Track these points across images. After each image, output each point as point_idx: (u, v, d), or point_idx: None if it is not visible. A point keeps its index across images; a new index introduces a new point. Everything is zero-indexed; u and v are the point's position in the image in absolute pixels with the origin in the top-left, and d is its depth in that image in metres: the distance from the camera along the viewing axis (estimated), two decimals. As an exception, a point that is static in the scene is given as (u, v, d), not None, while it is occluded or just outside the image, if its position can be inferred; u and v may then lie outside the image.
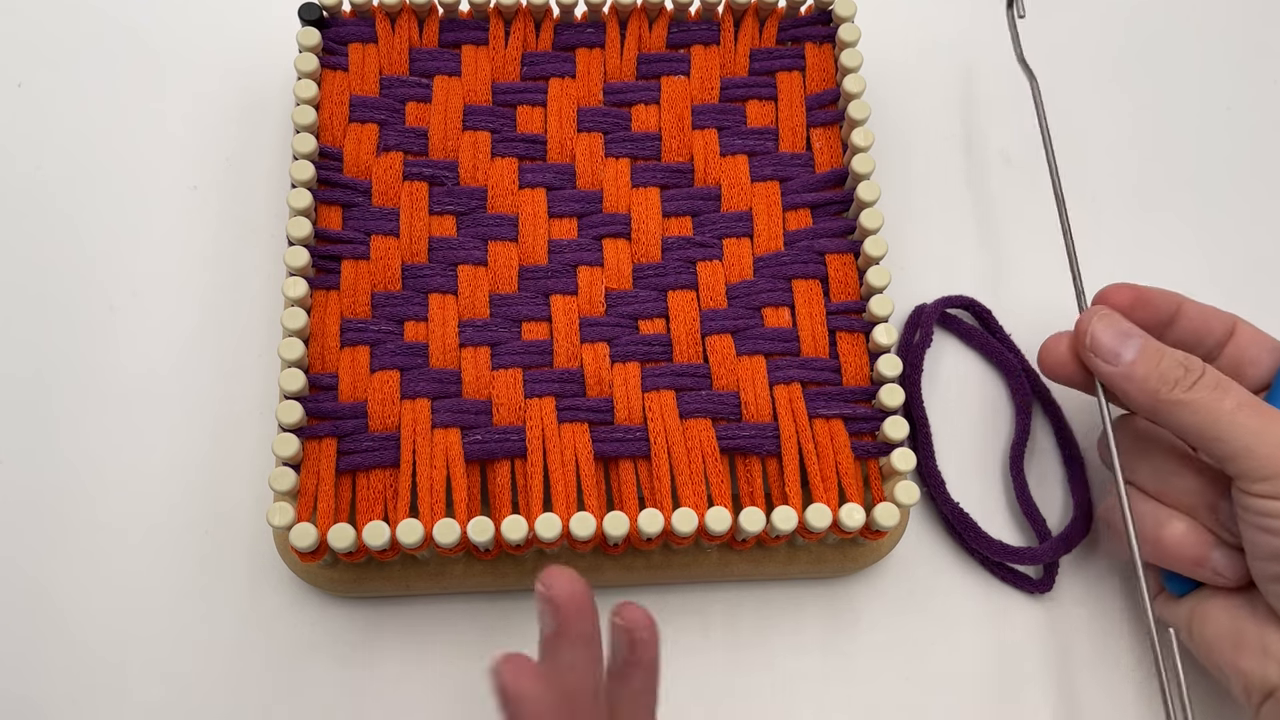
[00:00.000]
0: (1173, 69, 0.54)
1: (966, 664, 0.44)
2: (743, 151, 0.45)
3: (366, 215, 0.43)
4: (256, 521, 0.44)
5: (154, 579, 0.43)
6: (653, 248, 0.44)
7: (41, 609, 0.43)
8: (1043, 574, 0.45)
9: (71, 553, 0.44)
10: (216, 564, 0.44)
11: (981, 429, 0.47)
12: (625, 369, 0.42)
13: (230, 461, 0.45)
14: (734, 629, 0.44)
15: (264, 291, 0.47)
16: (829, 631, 0.44)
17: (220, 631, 0.43)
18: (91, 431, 0.45)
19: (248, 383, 0.46)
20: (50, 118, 0.50)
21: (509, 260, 0.43)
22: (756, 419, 0.41)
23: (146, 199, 0.49)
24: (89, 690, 0.42)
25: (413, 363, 0.41)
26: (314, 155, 0.43)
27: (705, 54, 0.47)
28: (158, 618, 0.43)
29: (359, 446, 0.40)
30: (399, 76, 0.45)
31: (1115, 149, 0.52)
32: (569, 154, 0.45)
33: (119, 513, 0.44)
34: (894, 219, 0.48)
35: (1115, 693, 0.43)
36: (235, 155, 0.50)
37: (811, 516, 0.39)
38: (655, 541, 0.40)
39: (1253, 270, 0.50)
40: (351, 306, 0.42)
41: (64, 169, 0.49)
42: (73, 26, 0.52)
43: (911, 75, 0.52)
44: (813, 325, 0.43)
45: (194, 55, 0.51)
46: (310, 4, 0.45)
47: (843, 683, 0.43)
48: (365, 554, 0.39)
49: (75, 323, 0.47)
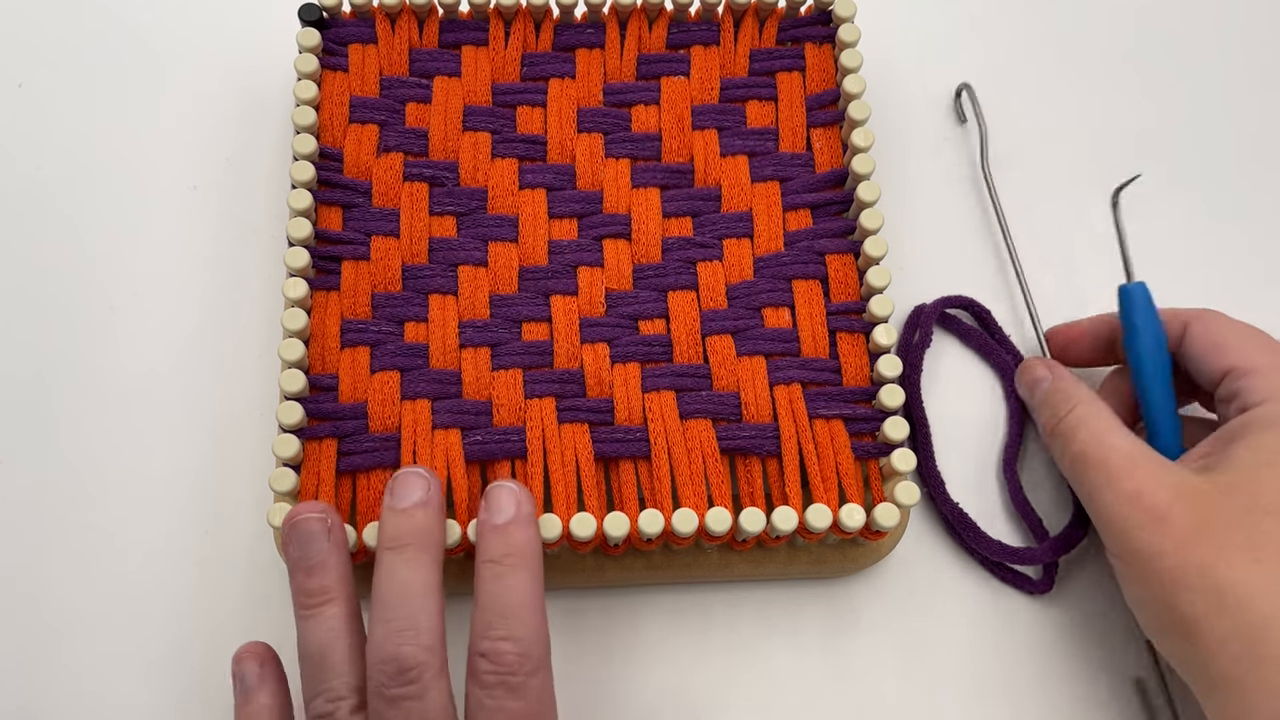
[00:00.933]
0: (1184, 57, 0.54)
1: (966, 664, 0.44)
2: (743, 152, 0.45)
3: (367, 216, 0.43)
4: (256, 522, 0.44)
5: (154, 580, 0.43)
6: (653, 248, 0.44)
7: (41, 609, 0.43)
8: (1042, 574, 0.45)
9: (71, 553, 0.44)
10: (216, 564, 0.44)
11: (982, 429, 0.47)
12: (625, 369, 0.42)
13: (231, 461, 0.45)
14: (734, 629, 0.44)
15: (264, 291, 0.47)
16: (829, 632, 0.44)
17: (220, 633, 0.43)
18: (91, 431, 0.45)
19: (248, 382, 0.46)
20: (50, 118, 0.50)
21: (509, 261, 0.43)
22: (757, 419, 0.41)
23: (146, 199, 0.49)
24: (89, 692, 0.42)
25: (413, 363, 0.41)
26: (314, 156, 0.43)
27: (705, 54, 0.47)
28: (157, 619, 0.43)
29: (359, 447, 0.40)
30: (399, 77, 0.45)
31: (1125, 138, 0.52)
32: (569, 154, 0.45)
33: (118, 513, 0.44)
34: (893, 218, 0.48)
35: (1117, 693, 0.43)
36: (235, 155, 0.50)
37: (812, 517, 0.39)
38: (656, 542, 0.40)
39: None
40: (352, 307, 0.42)
41: (64, 169, 0.49)
42: (73, 26, 0.52)
43: (910, 74, 0.52)
44: (813, 325, 0.43)
45: (194, 55, 0.52)
46: (310, 5, 0.45)
47: (843, 682, 0.43)
48: (365, 555, 0.39)
49: (75, 323, 0.47)
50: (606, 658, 0.43)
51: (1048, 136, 0.52)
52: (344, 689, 0.34)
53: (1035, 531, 0.45)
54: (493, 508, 0.36)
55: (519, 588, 0.34)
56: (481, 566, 0.35)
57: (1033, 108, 0.52)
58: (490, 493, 0.36)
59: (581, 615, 0.44)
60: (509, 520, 0.35)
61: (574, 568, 0.42)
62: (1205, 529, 0.37)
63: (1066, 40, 0.54)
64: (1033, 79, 0.53)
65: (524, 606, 0.34)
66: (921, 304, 0.48)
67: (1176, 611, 0.36)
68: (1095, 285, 0.49)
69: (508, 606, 0.34)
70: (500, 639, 0.34)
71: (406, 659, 0.33)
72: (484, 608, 0.34)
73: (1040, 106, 0.52)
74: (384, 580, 0.34)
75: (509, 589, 0.34)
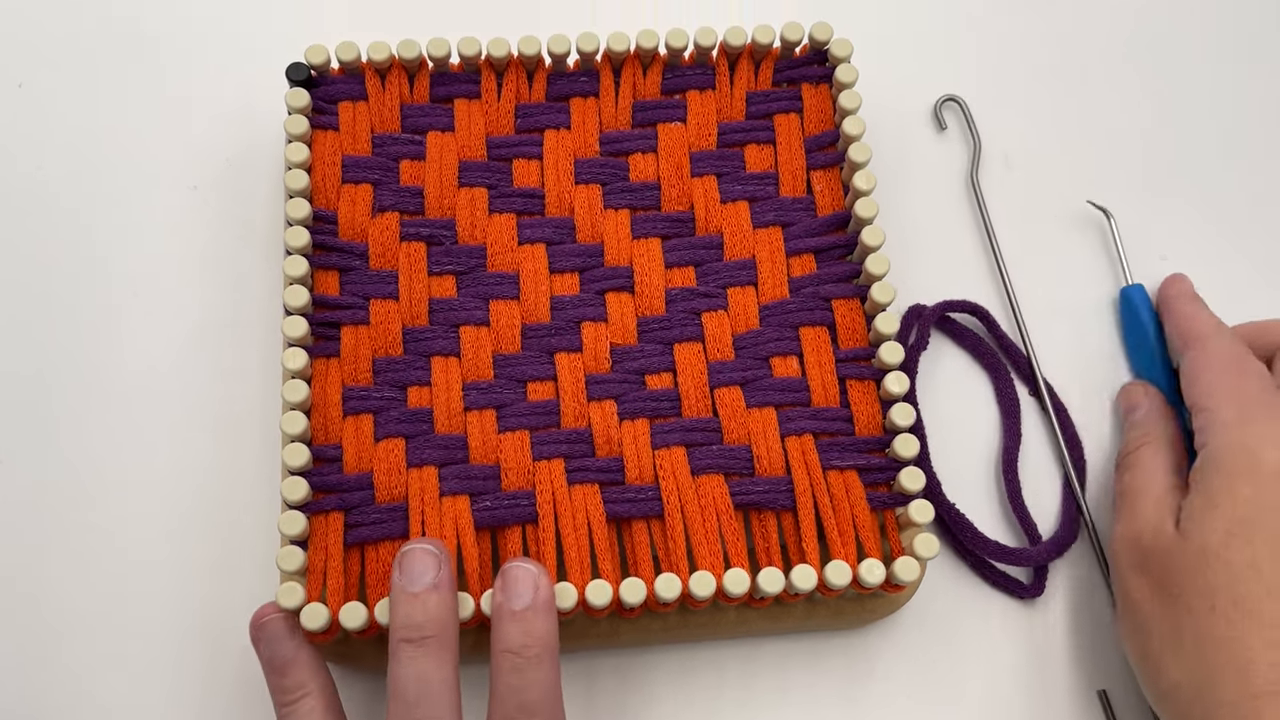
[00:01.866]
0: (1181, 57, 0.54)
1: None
2: (743, 198, 0.45)
3: (364, 279, 0.42)
4: (257, 522, 0.44)
5: (154, 580, 0.43)
6: (656, 300, 0.43)
7: (41, 609, 0.43)
8: (1033, 579, 0.45)
9: (71, 553, 0.44)
10: (216, 564, 0.44)
11: (978, 432, 0.47)
12: (634, 426, 0.41)
13: (231, 461, 0.45)
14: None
15: (264, 291, 0.47)
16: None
17: (221, 633, 0.43)
18: (92, 431, 0.45)
19: (248, 382, 0.46)
20: (51, 117, 0.50)
21: (511, 319, 0.42)
22: (769, 473, 0.40)
23: (147, 199, 0.49)
24: (89, 692, 0.42)
25: (417, 429, 0.40)
26: (308, 220, 0.42)
27: (701, 99, 0.46)
28: (158, 619, 0.43)
29: (367, 519, 0.39)
30: (391, 134, 0.45)
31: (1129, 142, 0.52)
32: (568, 207, 0.44)
33: (118, 513, 0.44)
34: (893, 238, 0.47)
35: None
36: (235, 156, 0.50)
37: (831, 574, 0.38)
38: (672, 605, 0.39)
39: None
40: (353, 374, 0.41)
41: (65, 169, 0.49)
42: (74, 26, 0.52)
43: (898, 83, 0.52)
44: (822, 374, 0.42)
45: (194, 54, 0.51)
46: (298, 64, 0.44)
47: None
48: (377, 630, 0.38)
49: (76, 323, 0.47)
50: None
51: (1039, 144, 0.52)
52: None
53: (1029, 534, 0.45)
54: (510, 591, 0.35)
55: (540, 683, 0.33)
56: (499, 656, 0.34)
57: (1022, 116, 0.52)
58: (507, 573, 0.36)
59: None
60: (527, 607, 0.34)
61: (588, 631, 0.41)
62: (1167, 580, 0.39)
63: (1060, 45, 0.54)
64: (1024, 87, 0.53)
65: (544, 704, 0.33)
66: (919, 304, 0.48)
67: (1149, 661, 0.39)
68: (1090, 292, 0.49)
69: (527, 704, 0.33)
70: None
71: None
72: (502, 700, 0.33)
73: (1030, 114, 0.52)
74: (401, 675, 0.34)
75: (530, 685, 0.33)
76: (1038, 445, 0.47)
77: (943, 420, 0.47)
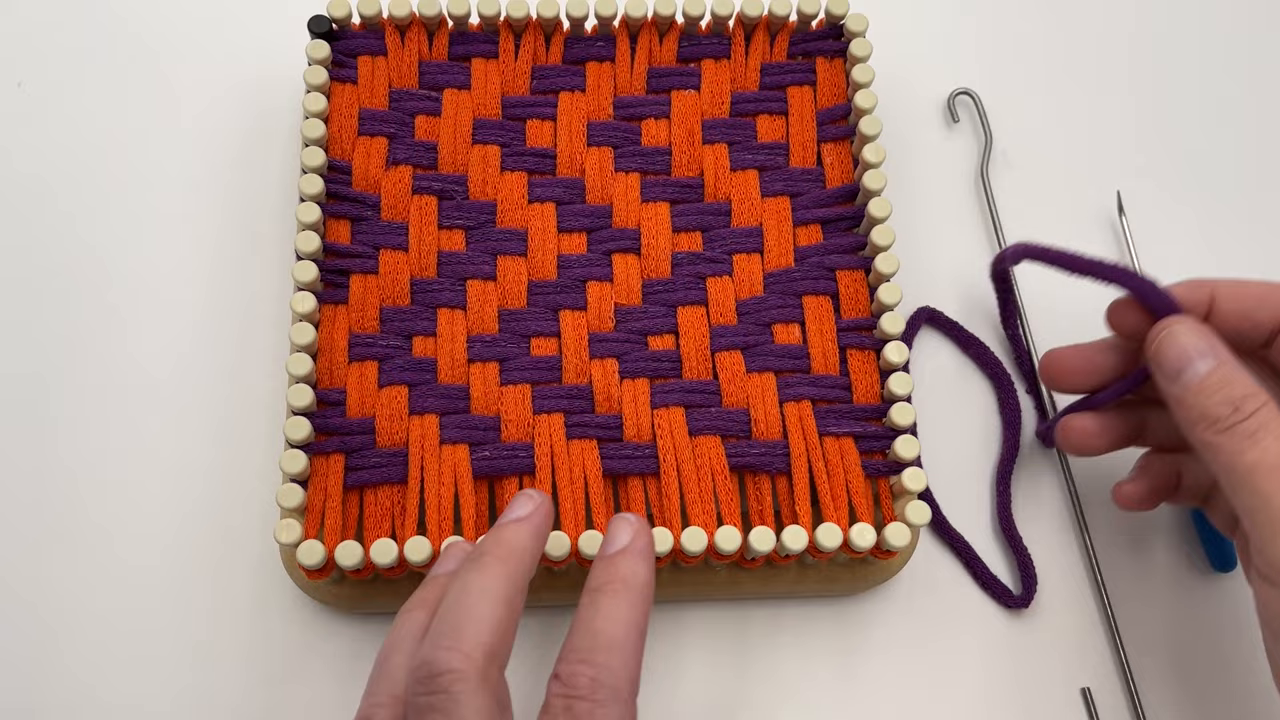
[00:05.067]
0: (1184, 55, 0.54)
1: (978, 681, 0.43)
2: (753, 166, 0.45)
3: (375, 229, 0.43)
4: (257, 522, 0.44)
5: (154, 580, 0.43)
6: (662, 263, 0.44)
7: (41, 609, 0.43)
8: (1021, 590, 0.44)
9: (71, 553, 0.44)
10: (217, 564, 0.43)
11: (980, 432, 0.47)
12: (634, 385, 0.41)
13: (232, 461, 0.45)
14: (742, 647, 0.43)
15: (266, 290, 0.47)
16: (838, 650, 0.44)
17: (221, 633, 0.43)
18: (92, 431, 0.45)
19: (250, 383, 0.46)
20: (51, 117, 0.50)
21: (518, 275, 0.43)
22: (766, 437, 0.41)
23: (148, 199, 0.49)
24: (89, 692, 0.42)
25: (421, 378, 0.41)
26: (323, 169, 0.43)
27: (716, 68, 0.46)
28: (158, 619, 0.43)
29: (367, 462, 0.40)
30: (408, 90, 0.45)
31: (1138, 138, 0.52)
32: (579, 168, 0.45)
33: (118, 513, 0.44)
34: (902, 231, 0.48)
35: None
36: (240, 156, 0.50)
37: (822, 536, 0.39)
38: (664, 560, 0.40)
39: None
40: (360, 321, 0.42)
41: (65, 169, 0.49)
42: (74, 26, 0.52)
43: (910, 76, 0.52)
44: (823, 342, 0.42)
45: (197, 53, 0.52)
46: (320, 17, 0.45)
47: (851, 700, 0.43)
48: (372, 571, 0.39)
49: (76, 323, 0.47)
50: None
51: (1050, 140, 0.52)
52: (385, 697, 0.32)
53: (1018, 555, 0.45)
54: (608, 538, 0.35)
55: (611, 615, 0.32)
56: (583, 595, 0.34)
57: (1034, 111, 0.52)
58: (609, 524, 0.36)
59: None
60: (618, 550, 0.34)
61: (581, 584, 0.42)
62: None
63: (1074, 42, 0.54)
64: (1035, 82, 0.53)
65: (610, 634, 0.32)
66: (927, 306, 0.48)
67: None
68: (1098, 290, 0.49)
69: (593, 631, 0.32)
70: (578, 662, 0.31)
71: (438, 664, 0.30)
72: (572, 632, 0.33)
73: (1041, 110, 0.52)
74: (450, 588, 0.33)
75: (600, 615, 0.32)
76: (1036, 445, 0.47)
77: (942, 420, 0.47)
